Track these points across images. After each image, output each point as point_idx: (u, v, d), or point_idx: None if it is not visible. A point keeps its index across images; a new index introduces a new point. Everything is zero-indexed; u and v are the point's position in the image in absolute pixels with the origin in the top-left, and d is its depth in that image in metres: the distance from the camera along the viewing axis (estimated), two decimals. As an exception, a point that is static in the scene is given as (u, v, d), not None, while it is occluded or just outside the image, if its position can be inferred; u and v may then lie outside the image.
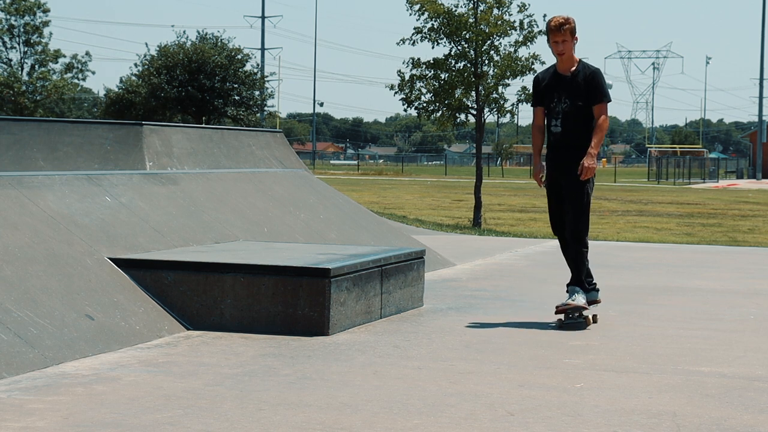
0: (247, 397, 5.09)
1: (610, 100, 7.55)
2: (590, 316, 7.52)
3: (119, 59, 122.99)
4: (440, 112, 20.29)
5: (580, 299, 7.44)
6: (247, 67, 44.36)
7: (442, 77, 20.06)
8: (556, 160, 7.58)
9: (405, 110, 21.02)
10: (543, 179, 7.65)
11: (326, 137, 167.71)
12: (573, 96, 7.51)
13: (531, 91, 21.11)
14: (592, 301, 7.70)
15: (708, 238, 17.65)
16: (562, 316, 7.47)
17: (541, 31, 19.88)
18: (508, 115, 20.96)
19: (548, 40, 7.55)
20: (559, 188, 7.60)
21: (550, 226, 7.81)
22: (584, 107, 7.50)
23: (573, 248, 7.57)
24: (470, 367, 5.93)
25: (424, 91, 20.23)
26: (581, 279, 7.60)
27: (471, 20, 19.87)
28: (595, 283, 7.77)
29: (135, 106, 43.32)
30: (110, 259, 7.09)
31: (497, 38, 19.98)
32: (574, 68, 7.57)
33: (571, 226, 7.52)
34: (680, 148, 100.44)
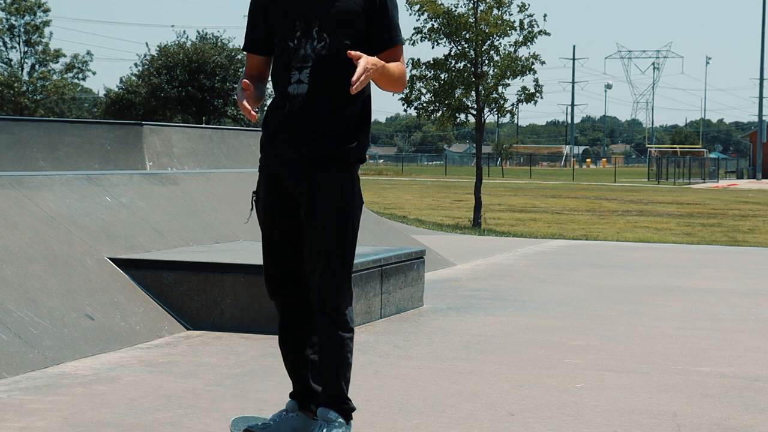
0: (247, 397, 5.09)
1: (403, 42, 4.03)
2: None
3: (119, 59, 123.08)
4: (440, 112, 20.29)
5: None
6: (247, 67, 44.39)
7: (442, 77, 20.06)
8: (287, 154, 3.95)
9: (405, 110, 21.01)
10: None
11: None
12: (336, 25, 3.91)
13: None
14: None
15: (708, 238, 17.64)
16: None
17: (541, 30, 19.91)
18: (508, 115, 20.94)
19: None
20: (289, 211, 4.01)
21: (265, 282, 4.15)
22: (352, 50, 3.83)
23: (325, 330, 3.98)
24: (470, 367, 5.93)
25: (424, 91, 20.24)
26: (344, 392, 4.05)
27: (471, 20, 19.88)
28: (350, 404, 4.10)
29: (135, 106, 43.36)
30: (110, 259, 7.08)
31: (497, 38, 19.99)
32: None
33: (322, 289, 3.95)
34: (680, 148, 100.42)
